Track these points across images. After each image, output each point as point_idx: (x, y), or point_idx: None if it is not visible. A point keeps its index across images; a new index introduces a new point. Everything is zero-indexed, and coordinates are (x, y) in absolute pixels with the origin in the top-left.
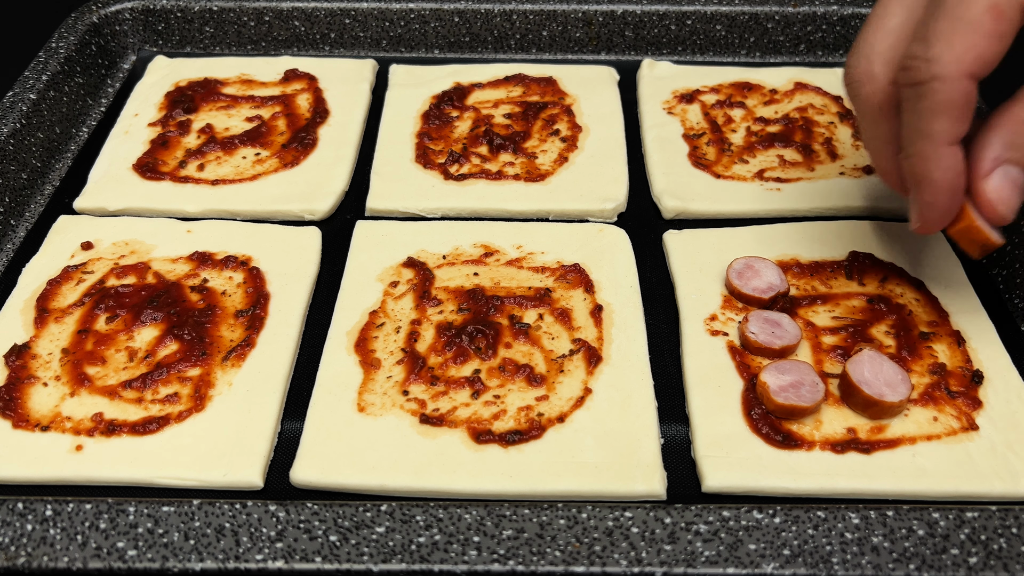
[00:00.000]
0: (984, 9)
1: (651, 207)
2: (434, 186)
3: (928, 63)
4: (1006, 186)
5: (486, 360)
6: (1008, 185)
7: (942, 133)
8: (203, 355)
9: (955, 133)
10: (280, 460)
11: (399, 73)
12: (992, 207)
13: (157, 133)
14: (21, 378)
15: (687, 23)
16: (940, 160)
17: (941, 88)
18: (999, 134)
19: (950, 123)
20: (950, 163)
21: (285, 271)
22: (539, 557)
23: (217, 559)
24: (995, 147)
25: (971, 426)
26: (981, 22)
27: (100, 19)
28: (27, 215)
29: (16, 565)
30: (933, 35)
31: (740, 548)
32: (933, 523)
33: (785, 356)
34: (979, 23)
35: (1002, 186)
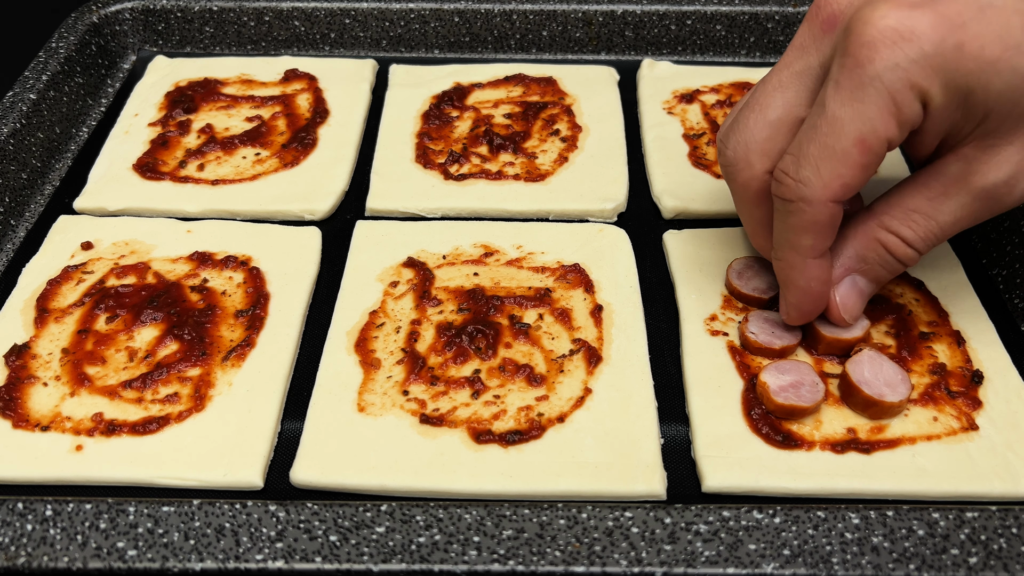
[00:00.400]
0: (852, 142)
1: (651, 207)
2: (434, 186)
3: (797, 184)
4: (852, 293)
5: (486, 360)
6: (855, 293)
7: (807, 248)
8: (203, 355)
9: (820, 248)
10: (280, 460)
11: (399, 73)
12: (836, 312)
13: (157, 133)
14: (21, 378)
15: (687, 23)
16: (804, 270)
17: (808, 209)
18: (852, 245)
19: (815, 239)
20: (814, 273)
21: (285, 271)
22: (539, 557)
23: (217, 559)
24: (848, 257)
25: (971, 426)
26: (848, 153)
27: (100, 19)
28: (27, 215)
29: (16, 565)
30: (804, 158)
31: (740, 548)
32: (933, 523)
33: (785, 356)
34: (846, 154)
35: (848, 294)
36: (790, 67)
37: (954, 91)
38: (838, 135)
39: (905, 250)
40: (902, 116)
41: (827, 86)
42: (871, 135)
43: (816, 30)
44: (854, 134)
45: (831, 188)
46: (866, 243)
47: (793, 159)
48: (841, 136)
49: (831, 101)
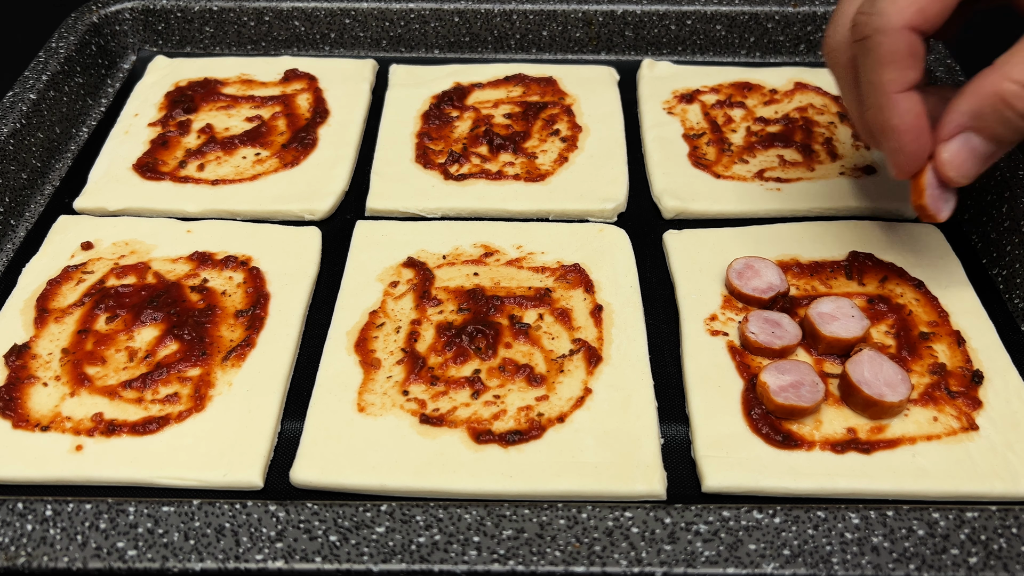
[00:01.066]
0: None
1: (651, 207)
2: (434, 186)
3: (871, 17)
4: (963, 151)
5: (486, 360)
6: (966, 151)
7: (891, 82)
8: (203, 355)
9: (904, 81)
10: (280, 460)
11: (399, 73)
12: (945, 170)
13: (157, 133)
14: (21, 378)
15: (687, 23)
16: (895, 107)
17: (884, 40)
18: (967, 101)
19: (897, 72)
20: (905, 108)
21: (285, 271)
22: (539, 557)
23: (217, 559)
24: (960, 113)
25: (971, 426)
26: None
27: (100, 19)
28: (27, 215)
29: (16, 565)
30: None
31: (740, 548)
32: (933, 523)
33: (785, 356)
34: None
35: (959, 151)
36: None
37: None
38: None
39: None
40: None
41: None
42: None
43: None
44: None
45: (905, 14)
46: (983, 96)
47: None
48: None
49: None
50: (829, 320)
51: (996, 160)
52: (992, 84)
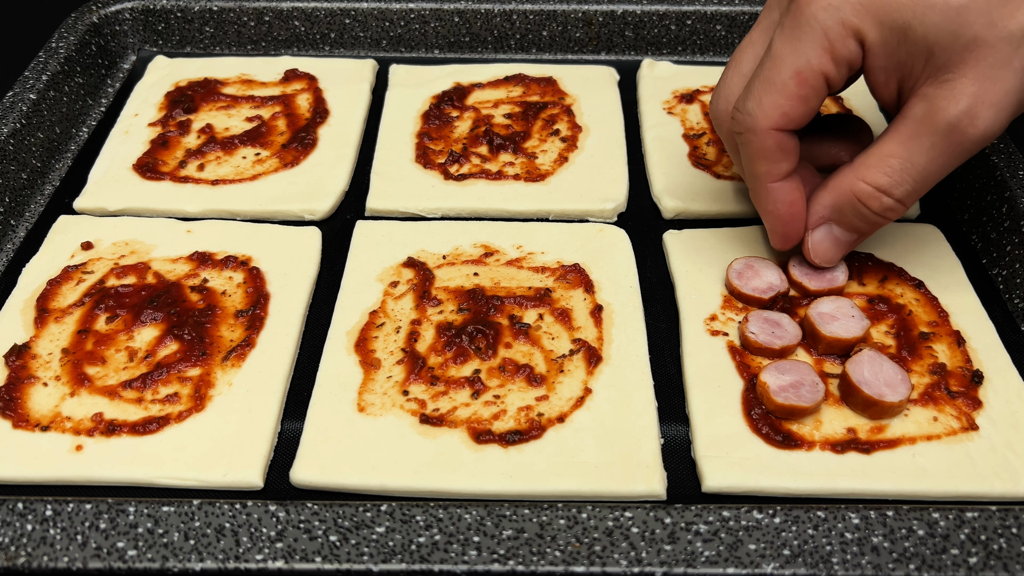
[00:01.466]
0: (790, 75)
1: (651, 207)
2: (434, 186)
3: (743, 116)
4: (826, 240)
5: (486, 360)
6: (829, 240)
7: (764, 174)
8: (203, 355)
9: (776, 173)
10: (280, 460)
11: (399, 73)
12: (811, 256)
13: (157, 133)
14: (21, 378)
15: (687, 23)
16: (768, 196)
17: (754, 139)
18: (829, 195)
19: (768, 165)
20: (777, 197)
21: (285, 271)
22: (539, 557)
23: (217, 559)
24: (823, 206)
25: (971, 426)
26: (786, 85)
27: (100, 19)
28: (27, 215)
29: (16, 565)
30: (750, 92)
31: (740, 548)
32: (933, 523)
33: (785, 356)
34: (784, 86)
35: (823, 240)
36: (759, 25)
37: (890, 28)
38: (778, 69)
39: (881, 199)
40: (836, 52)
41: (776, 29)
42: (806, 68)
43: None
44: (792, 67)
45: (771, 117)
46: (840, 194)
47: (742, 95)
48: (780, 69)
49: (776, 40)
50: (829, 320)
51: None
52: (849, 183)
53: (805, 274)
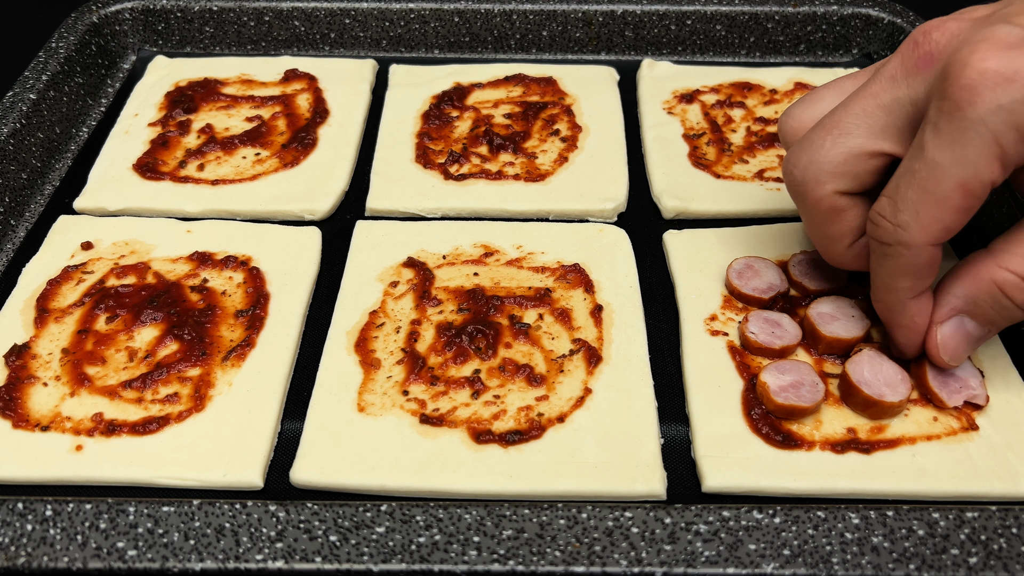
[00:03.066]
0: (953, 187)
1: (651, 207)
2: (434, 186)
3: (896, 228)
4: (958, 335)
5: (486, 360)
6: (961, 335)
7: (906, 289)
8: (203, 355)
9: (918, 288)
10: (280, 460)
11: (399, 73)
12: (939, 353)
13: (157, 133)
14: (21, 378)
15: (687, 23)
16: (905, 311)
17: (906, 253)
18: (964, 285)
19: (913, 281)
20: (915, 311)
21: (285, 271)
22: (539, 557)
23: (217, 559)
24: (955, 296)
25: (971, 426)
26: (949, 198)
27: (100, 19)
28: (27, 215)
29: (16, 565)
30: (902, 202)
31: (740, 548)
32: (933, 523)
33: (785, 356)
34: (947, 199)
35: (954, 335)
36: (877, 97)
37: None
38: (939, 179)
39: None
40: (1007, 158)
41: (924, 130)
42: (973, 179)
43: (910, 65)
44: (956, 179)
45: (930, 232)
46: (979, 284)
47: (890, 202)
48: (942, 180)
49: (931, 145)
50: (829, 320)
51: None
52: (989, 272)
53: (805, 274)
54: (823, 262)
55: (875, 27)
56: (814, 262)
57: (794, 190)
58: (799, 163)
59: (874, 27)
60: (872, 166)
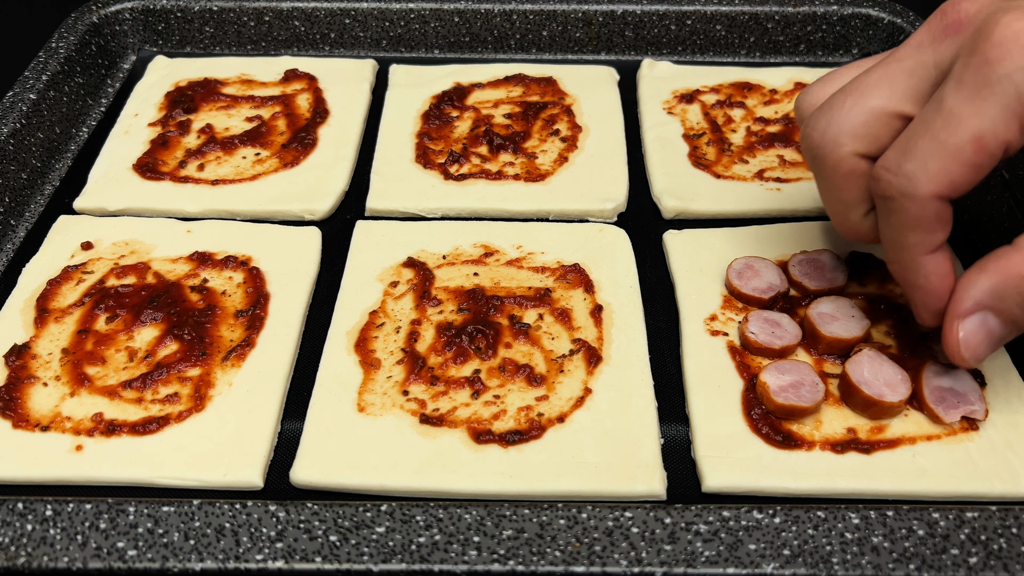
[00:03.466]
0: (968, 139)
1: (651, 207)
2: (434, 186)
3: (899, 178)
4: (980, 332)
5: (486, 360)
6: (983, 332)
7: (917, 245)
8: (203, 355)
9: (931, 244)
10: (280, 460)
11: (399, 73)
12: (959, 350)
13: (157, 133)
14: (21, 378)
15: (687, 23)
16: (919, 269)
17: (911, 206)
18: (989, 279)
19: (922, 236)
20: (931, 269)
21: (285, 271)
22: (539, 557)
23: (217, 559)
24: (980, 290)
25: (971, 426)
26: (962, 150)
27: (100, 19)
28: (27, 215)
29: (16, 565)
30: (911, 151)
31: (740, 548)
32: (933, 523)
33: (785, 356)
34: (959, 150)
35: (976, 332)
36: (901, 62)
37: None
38: (953, 129)
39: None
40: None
41: (947, 83)
42: (990, 133)
43: (937, 31)
44: (972, 130)
45: (936, 182)
46: (1005, 277)
47: (897, 153)
48: (957, 131)
49: (950, 96)
50: (829, 320)
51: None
52: (1016, 266)
53: (805, 274)
54: (823, 262)
55: (875, 27)
56: (814, 262)
57: (812, 154)
58: (818, 126)
59: (874, 27)
60: (892, 128)
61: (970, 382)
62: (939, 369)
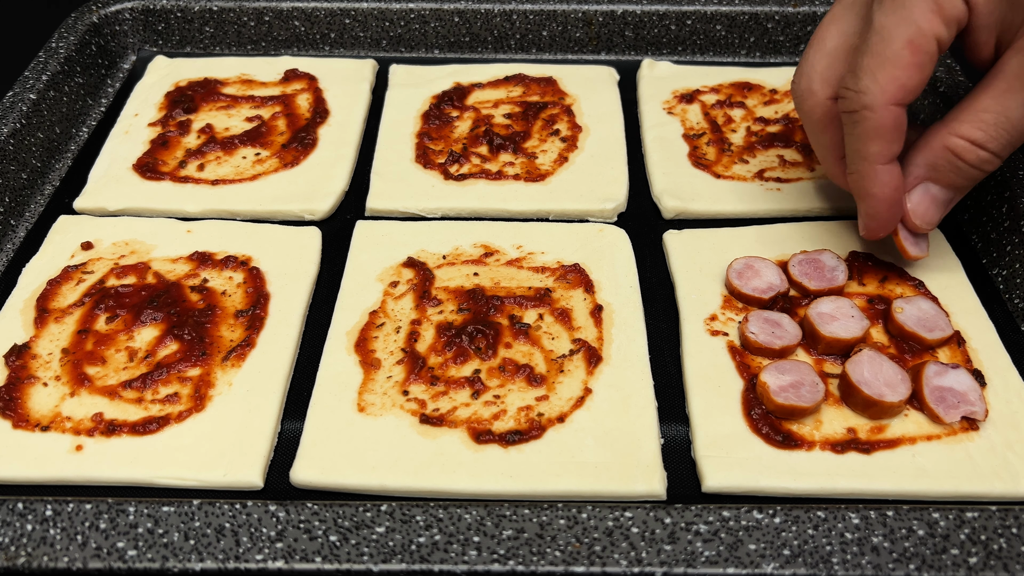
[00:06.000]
0: (902, 44)
1: (651, 207)
2: (434, 186)
3: (857, 94)
4: (925, 200)
5: (486, 360)
6: (928, 199)
7: (876, 154)
8: (203, 355)
9: (888, 154)
10: (280, 460)
11: (399, 73)
12: (911, 218)
13: (157, 133)
14: (21, 378)
15: (687, 23)
16: (876, 177)
17: (871, 116)
18: (923, 155)
19: (882, 145)
20: (886, 179)
21: (285, 271)
22: (539, 557)
23: (217, 559)
24: (917, 166)
25: (971, 426)
26: (900, 56)
27: (100, 19)
28: (27, 215)
29: (16, 565)
30: (861, 69)
31: (740, 548)
32: (933, 523)
33: (785, 356)
34: (899, 57)
35: (921, 200)
36: (841, 3)
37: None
38: (888, 41)
39: (977, 152)
40: (945, 13)
41: (872, 6)
42: (918, 35)
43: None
44: (903, 37)
45: (889, 91)
46: (936, 151)
47: (852, 74)
48: (891, 41)
49: (877, 13)
50: (829, 320)
51: (956, 203)
52: (942, 139)
53: (805, 274)
54: (823, 262)
55: None
56: (814, 262)
57: (796, 103)
58: (794, 79)
59: None
60: None
61: (970, 382)
62: (939, 369)
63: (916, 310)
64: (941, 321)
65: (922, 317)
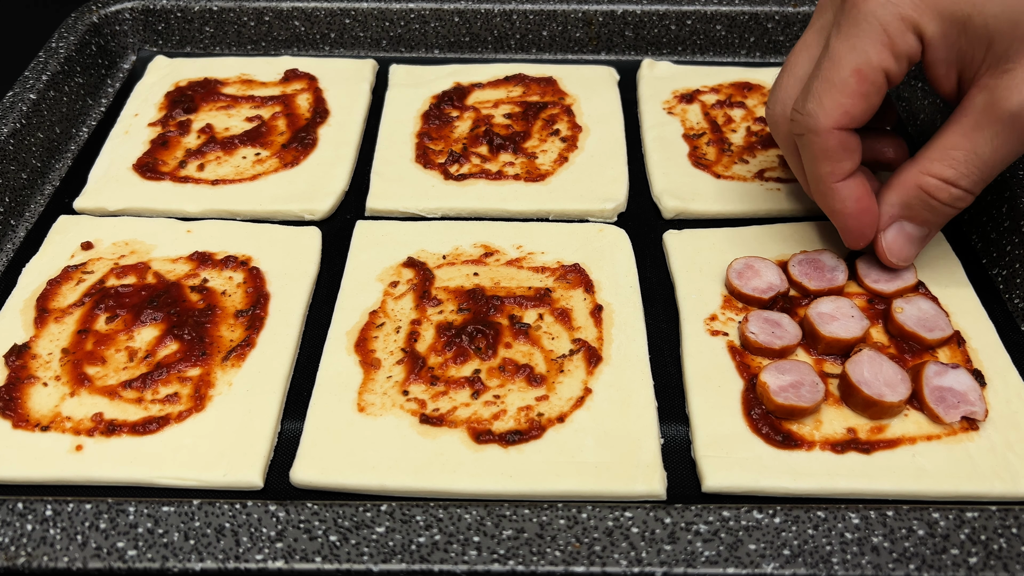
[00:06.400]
0: (850, 72)
1: (651, 207)
2: (434, 186)
3: (804, 117)
4: (899, 238)
5: (486, 360)
6: (902, 238)
7: (828, 174)
8: (203, 355)
9: (840, 172)
10: (280, 460)
11: (399, 73)
12: (886, 256)
13: (157, 133)
14: (21, 378)
15: (687, 23)
16: (835, 194)
17: (816, 140)
18: (896, 193)
19: (832, 165)
20: (845, 194)
21: (285, 271)
22: (539, 557)
23: (217, 559)
24: (891, 204)
25: (971, 426)
26: (847, 83)
27: (100, 19)
28: (27, 215)
29: (16, 565)
30: (810, 93)
31: (740, 548)
32: (933, 523)
33: (785, 356)
34: (845, 84)
35: (896, 238)
36: (812, 27)
37: (950, 20)
38: (837, 68)
39: (949, 191)
40: (896, 47)
41: (831, 31)
42: (866, 65)
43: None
44: (851, 65)
45: (832, 116)
46: (908, 189)
47: (801, 97)
48: (840, 68)
49: (832, 40)
50: (829, 320)
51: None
52: (914, 179)
53: (805, 274)
54: (823, 262)
55: None
56: (814, 262)
57: (771, 131)
58: (767, 104)
59: None
60: None
61: (970, 382)
62: (939, 369)
63: (916, 310)
64: (941, 321)
65: (922, 317)
